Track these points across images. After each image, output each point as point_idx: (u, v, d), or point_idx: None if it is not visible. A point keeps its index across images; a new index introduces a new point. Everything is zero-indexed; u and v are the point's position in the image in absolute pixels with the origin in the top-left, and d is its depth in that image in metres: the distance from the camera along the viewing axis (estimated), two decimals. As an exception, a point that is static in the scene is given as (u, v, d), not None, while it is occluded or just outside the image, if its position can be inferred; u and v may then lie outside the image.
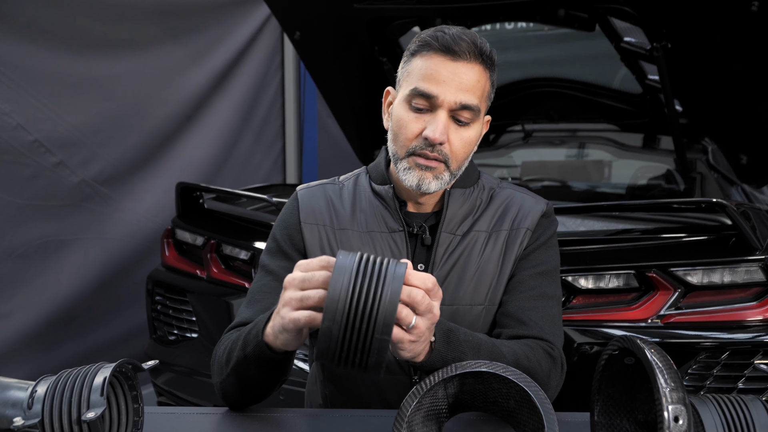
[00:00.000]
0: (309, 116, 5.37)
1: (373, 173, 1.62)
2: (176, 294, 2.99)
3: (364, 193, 1.59)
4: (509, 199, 1.58)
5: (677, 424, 1.00)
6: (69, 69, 3.73)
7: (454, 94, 1.41)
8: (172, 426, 1.39)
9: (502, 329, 1.49)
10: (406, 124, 1.45)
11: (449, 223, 1.53)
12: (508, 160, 4.34)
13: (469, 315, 1.50)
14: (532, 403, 1.12)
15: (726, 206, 2.25)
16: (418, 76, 1.43)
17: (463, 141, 1.46)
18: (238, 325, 1.51)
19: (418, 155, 1.45)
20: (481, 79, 1.44)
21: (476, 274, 1.51)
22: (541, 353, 1.43)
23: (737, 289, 2.28)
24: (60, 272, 3.82)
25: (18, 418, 1.14)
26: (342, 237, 1.54)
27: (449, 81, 1.41)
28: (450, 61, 1.41)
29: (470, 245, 1.52)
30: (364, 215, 1.56)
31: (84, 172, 3.83)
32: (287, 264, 1.55)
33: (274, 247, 1.60)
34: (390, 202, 1.55)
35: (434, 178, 1.46)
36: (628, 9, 3.05)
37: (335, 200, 1.59)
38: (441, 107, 1.42)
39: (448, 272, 1.51)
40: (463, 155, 1.48)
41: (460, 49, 1.40)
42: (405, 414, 1.14)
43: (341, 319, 1.04)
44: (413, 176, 1.46)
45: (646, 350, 1.08)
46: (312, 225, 1.56)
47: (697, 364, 2.23)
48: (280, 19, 3.57)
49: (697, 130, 3.76)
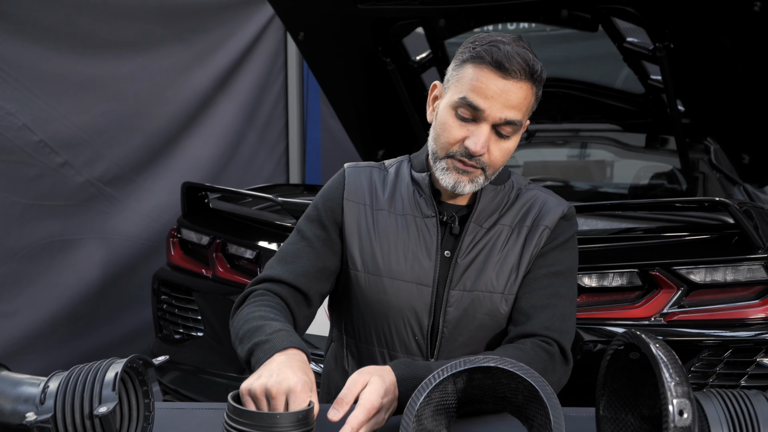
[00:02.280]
0: (312, 116, 5.39)
1: (415, 161, 1.69)
2: (182, 293, 3.00)
3: (404, 179, 1.67)
4: (534, 198, 1.65)
5: (682, 418, 1.02)
6: (74, 69, 3.75)
7: (500, 110, 1.47)
8: (182, 421, 1.42)
9: (512, 326, 1.55)
10: (450, 129, 1.51)
11: (479, 216, 1.60)
12: (511, 160, 4.33)
13: (487, 302, 1.56)
14: (540, 398, 1.14)
15: (729, 205, 2.27)
16: (468, 86, 1.48)
17: (502, 152, 1.52)
18: (265, 280, 1.59)
19: (458, 160, 1.51)
20: (528, 96, 1.50)
21: (498, 264, 1.57)
22: (534, 355, 1.47)
23: (740, 287, 2.31)
24: (65, 272, 3.84)
25: (30, 413, 1.15)
26: (378, 217, 1.62)
27: (497, 97, 1.46)
28: (500, 78, 1.46)
29: (494, 237, 1.59)
30: (401, 199, 1.63)
31: (89, 172, 3.85)
32: (322, 233, 1.64)
33: (314, 214, 1.67)
34: (426, 189, 1.62)
35: (470, 182, 1.53)
36: (630, 9, 3.07)
37: (377, 183, 1.67)
38: (485, 121, 1.48)
39: (473, 260, 1.57)
40: (500, 163, 1.55)
41: (512, 67, 1.45)
42: (414, 407, 1.15)
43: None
44: (450, 178, 1.53)
45: (651, 345, 1.10)
46: (353, 202, 1.64)
47: (700, 362, 2.25)
48: (284, 19, 3.60)
49: (699, 130, 3.77)
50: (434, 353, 1.58)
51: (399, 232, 1.60)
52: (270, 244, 2.75)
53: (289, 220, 2.83)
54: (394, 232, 1.60)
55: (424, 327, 1.57)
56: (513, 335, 1.53)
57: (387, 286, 1.58)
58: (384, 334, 1.59)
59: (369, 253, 1.60)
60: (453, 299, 1.56)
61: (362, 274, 1.60)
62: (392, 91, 3.75)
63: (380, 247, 1.59)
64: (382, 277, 1.58)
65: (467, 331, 1.57)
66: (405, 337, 1.58)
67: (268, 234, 2.82)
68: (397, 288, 1.57)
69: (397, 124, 3.97)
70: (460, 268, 1.57)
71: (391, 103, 3.78)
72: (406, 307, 1.57)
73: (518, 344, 1.49)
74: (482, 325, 1.56)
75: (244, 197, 3.31)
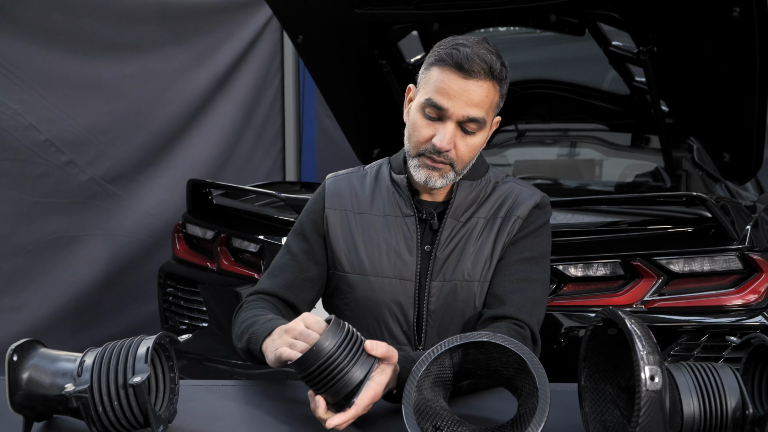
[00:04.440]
0: (308, 117, 5.47)
1: (394, 163, 1.79)
2: (187, 285, 3.11)
3: (384, 181, 1.77)
4: (509, 191, 1.74)
5: (653, 382, 1.14)
6: (78, 71, 3.85)
7: (462, 108, 1.57)
8: (201, 396, 1.53)
9: (486, 308, 1.66)
10: (419, 128, 1.63)
11: (455, 210, 1.70)
12: (502, 159, 4.47)
13: (465, 290, 1.67)
14: (527, 369, 1.25)
15: (706, 200, 2.40)
16: (433, 88, 1.59)
17: (468, 147, 1.63)
18: (258, 292, 1.74)
19: (427, 157, 1.63)
20: (490, 94, 1.60)
21: (473, 254, 1.67)
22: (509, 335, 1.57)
23: (716, 276, 2.44)
24: (69, 267, 3.94)
25: (69, 385, 1.25)
26: (361, 220, 1.73)
27: (459, 96, 1.57)
28: (462, 78, 1.56)
29: (470, 229, 1.69)
30: (382, 201, 1.74)
31: (92, 171, 3.95)
32: (305, 246, 1.76)
33: (299, 228, 1.79)
34: (404, 190, 1.73)
35: (440, 177, 1.64)
36: (616, 15, 3.15)
37: (358, 187, 1.78)
38: (450, 119, 1.59)
39: (450, 252, 1.68)
40: (468, 158, 1.65)
41: (471, 68, 1.55)
42: (415, 378, 1.27)
43: (313, 370, 1.30)
44: (422, 174, 1.64)
45: (627, 320, 1.23)
46: (336, 210, 1.75)
47: (679, 347, 2.38)
48: (284, 23, 3.66)
49: (682, 129, 3.88)
50: (421, 341, 1.69)
51: (381, 232, 1.70)
52: (272, 238, 2.85)
53: (290, 215, 2.93)
54: (376, 232, 1.71)
55: (410, 318, 1.68)
56: (486, 317, 1.63)
57: (373, 284, 1.68)
58: (374, 327, 1.70)
59: (354, 254, 1.71)
60: (434, 290, 1.67)
61: (350, 275, 1.71)
62: (387, 92, 3.82)
63: (364, 248, 1.70)
64: (368, 275, 1.69)
65: (449, 318, 1.67)
66: (393, 329, 1.68)
67: (270, 228, 2.93)
68: (382, 284, 1.68)
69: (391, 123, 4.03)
70: (439, 260, 1.67)
71: (386, 103, 3.84)
72: (392, 301, 1.68)
73: (493, 327, 1.59)
74: (462, 311, 1.67)
75: (246, 193, 3.41)
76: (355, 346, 1.33)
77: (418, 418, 1.25)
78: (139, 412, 1.24)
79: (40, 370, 1.30)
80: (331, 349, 1.30)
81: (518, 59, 4.41)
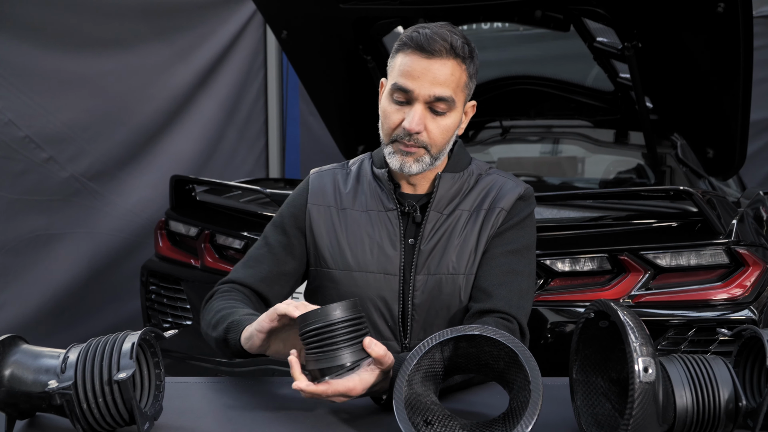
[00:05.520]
0: (291, 113, 5.46)
1: (375, 158, 1.78)
2: (171, 283, 3.08)
3: (366, 176, 1.76)
4: (492, 183, 1.73)
5: (647, 374, 1.14)
6: (59, 66, 3.81)
7: (428, 88, 1.57)
8: (187, 393, 1.52)
9: (472, 302, 1.65)
10: (389, 114, 1.63)
11: (438, 203, 1.69)
12: (486, 156, 4.47)
13: (450, 283, 1.65)
14: (519, 362, 1.24)
15: (692, 194, 2.40)
16: (398, 72, 1.60)
17: (440, 128, 1.62)
18: (231, 281, 1.73)
19: (400, 143, 1.62)
20: (455, 72, 1.59)
21: (458, 247, 1.66)
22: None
23: (703, 270, 2.44)
24: (50, 266, 3.90)
25: (52, 381, 1.23)
26: (344, 216, 1.72)
27: (423, 76, 1.57)
28: (424, 58, 1.57)
29: (454, 222, 1.68)
30: (364, 196, 1.73)
31: (73, 168, 3.90)
32: (284, 239, 1.74)
33: (279, 221, 1.78)
34: (386, 184, 1.71)
35: (415, 162, 1.63)
36: (600, 11, 3.16)
37: (341, 183, 1.77)
38: (417, 100, 1.59)
39: (435, 245, 1.67)
40: (442, 141, 1.64)
41: (432, 48, 1.56)
42: (406, 372, 1.26)
43: (310, 330, 1.32)
44: (396, 160, 1.64)
45: (619, 312, 1.22)
46: (319, 206, 1.74)
47: (666, 341, 2.38)
48: (268, 18, 3.65)
49: (666, 125, 3.89)
50: (406, 336, 1.67)
51: (364, 227, 1.69)
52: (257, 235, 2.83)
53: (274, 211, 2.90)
54: (359, 228, 1.69)
55: (395, 313, 1.66)
56: (474, 311, 1.62)
57: (357, 279, 1.67)
58: None
59: (338, 250, 1.69)
60: (419, 284, 1.66)
61: (334, 271, 1.69)
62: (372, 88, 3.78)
63: (348, 244, 1.69)
64: (352, 271, 1.68)
65: (434, 312, 1.66)
66: (378, 324, 1.67)
67: (255, 224, 2.91)
68: (366, 280, 1.67)
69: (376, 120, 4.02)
70: (423, 254, 1.66)
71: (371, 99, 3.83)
72: (376, 297, 1.66)
73: (481, 321, 1.58)
74: (448, 305, 1.66)
75: (230, 190, 3.39)
76: (358, 332, 1.33)
77: (409, 412, 1.24)
78: (125, 409, 1.22)
79: (23, 367, 1.28)
80: (337, 318, 1.31)
81: (503, 56, 4.42)
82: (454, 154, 1.73)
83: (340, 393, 1.30)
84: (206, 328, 1.62)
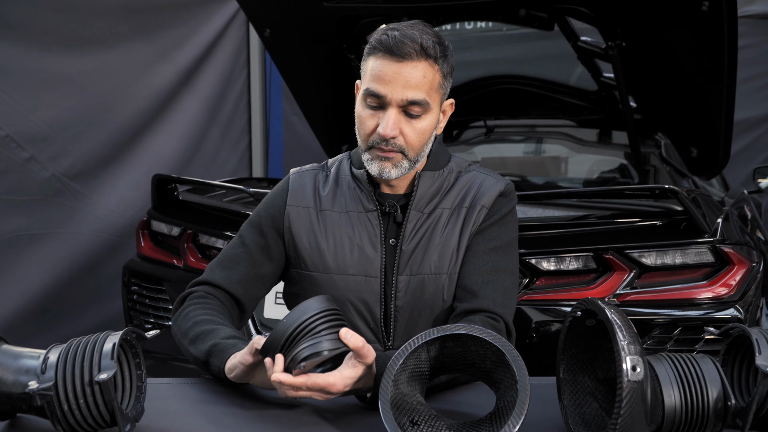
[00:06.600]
0: (275, 113, 5.44)
1: (354, 158, 1.75)
2: (153, 283, 3.05)
3: (345, 177, 1.73)
4: (472, 180, 1.71)
5: (635, 373, 1.13)
6: (39, 65, 3.77)
7: (400, 92, 1.54)
8: (169, 394, 1.50)
9: (457, 302, 1.63)
10: (363, 120, 1.61)
11: (418, 202, 1.67)
12: (470, 156, 4.46)
13: (433, 283, 1.64)
14: (506, 361, 1.23)
15: (678, 192, 2.41)
16: (370, 77, 1.57)
17: (416, 132, 1.59)
18: (205, 282, 1.70)
19: (377, 148, 1.59)
20: (428, 74, 1.57)
21: (440, 246, 1.64)
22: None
23: (688, 269, 2.45)
24: (31, 266, 3.86)
25: (33, 382, 1.21)
26: (323, 217, 1.69)
27: (395, 80, 1.54)
28: (395, 62, 1.54)
29: (435, 221, 1.66)
30: (343, 197, 1.70)
31: (54, 167, 3.87)
32: (260, 240, 1.71)
33: (256, 220, 1.74)
34: (365, 185, 1.69)
35: (393, 167, 1.61)
36: (584, 9, 3.16)
37: (320, 184, 1.74)
38: (390, 105, 1.56)
39: (416, 245, 1.65)
40: (419, 144, 1.61)
41: (402, 51, 1.53)
42: (392, 373, 1.24)
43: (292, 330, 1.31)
44: (375, 166, 1.61)
45: (607, 310, 1.22)
46: (298, 207, 1.71)
47: (652, 340, 2.39)
48: (251, 17, 3.63)
49: (650, 125, 3.90)
50: (389, 338, 1.65)
51: (344, 229, 1.66)
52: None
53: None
54: (339, 229, 1.67)
55: (377, 315, 1.64)
56: (459, 311, 1.60)
57: (338, 282, 1.65)
58: None
59: (317, 253, 1.66)
60: (401, 285, 1.63)
61: (314, 273, 1.67)
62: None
63: (327, 246, 1.66)
64: (332, 274, 1.65)
65: (417, 312, 1.64)
66: (359, 327, 1.64)
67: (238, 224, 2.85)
68: (347, 282, 1.64)
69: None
70: (405, 254, 1.64)
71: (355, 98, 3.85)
72: (357, 299, 1.64)
73: (466, 321, 1.56)
74: (431, 305, 1.64)
75: (213, 189, 3.36)
76: (334, 323, 1.32)
77: (395, 412, 1.23)
78: (106, 411, 1.21)
79: (3, 368, 1.26)
80: (312, 311, 1.31)
81: (487, 56, 4.43)
82: (433, 152, 1.71)
83: (320, 387, 1.29)
84: (181, 338, 1.59)
